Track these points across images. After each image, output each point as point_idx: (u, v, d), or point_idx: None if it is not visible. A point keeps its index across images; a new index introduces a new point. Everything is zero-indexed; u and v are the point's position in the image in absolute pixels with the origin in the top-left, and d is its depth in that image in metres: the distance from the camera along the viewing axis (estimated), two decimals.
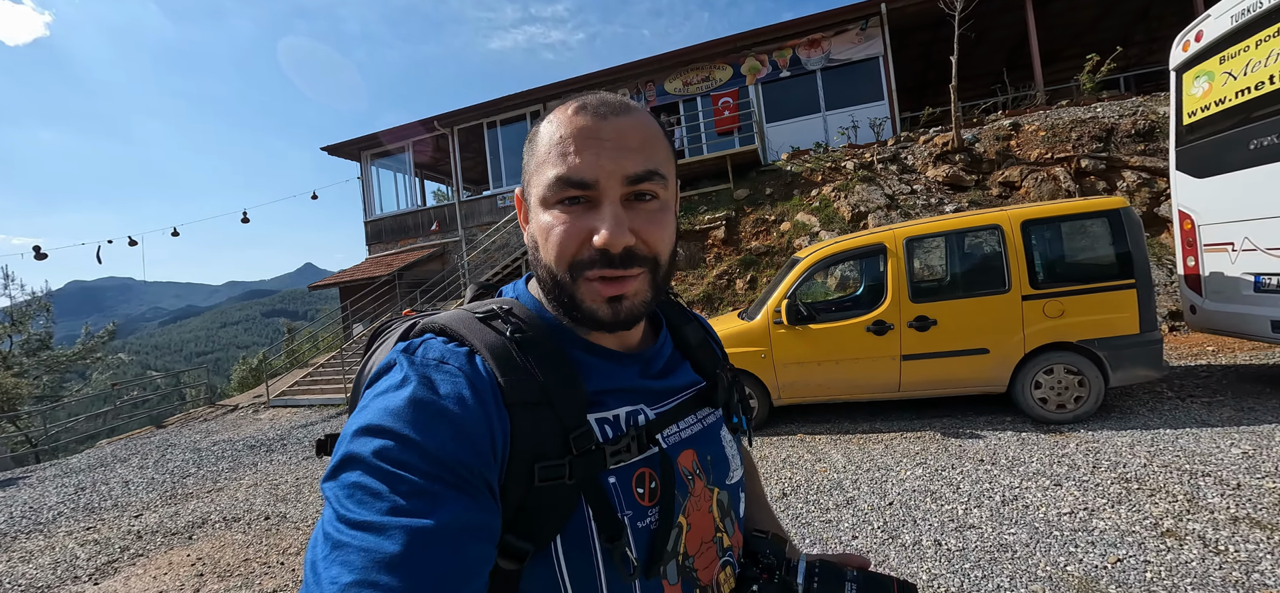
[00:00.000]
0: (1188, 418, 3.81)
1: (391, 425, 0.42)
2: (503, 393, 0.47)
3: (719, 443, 0.63)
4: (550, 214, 0.51)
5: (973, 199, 8.79)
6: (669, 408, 0.59)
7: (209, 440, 7.53)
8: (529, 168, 0.54)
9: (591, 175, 0.49)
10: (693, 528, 0.56)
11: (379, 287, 13.58)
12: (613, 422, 0.53)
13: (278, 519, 4.05)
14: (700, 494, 0.58)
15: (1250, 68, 3.89)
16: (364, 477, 0.40)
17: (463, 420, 0.44)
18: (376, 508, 0.39)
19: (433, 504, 0.40)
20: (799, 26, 12.02)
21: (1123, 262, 3.86)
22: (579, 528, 0.48)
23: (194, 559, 3.48)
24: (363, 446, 0.41)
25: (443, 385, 0.45)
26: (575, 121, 0.51)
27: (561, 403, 0.49)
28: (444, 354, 0.48)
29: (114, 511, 4.76)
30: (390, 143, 15.52)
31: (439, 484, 0.41)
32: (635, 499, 0.52)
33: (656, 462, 0.54)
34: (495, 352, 0.49)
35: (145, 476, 5.93)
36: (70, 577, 3.43)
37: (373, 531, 0.38)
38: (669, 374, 0.62)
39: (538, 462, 0.47)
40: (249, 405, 9.99)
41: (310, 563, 0.39)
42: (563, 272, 0.51)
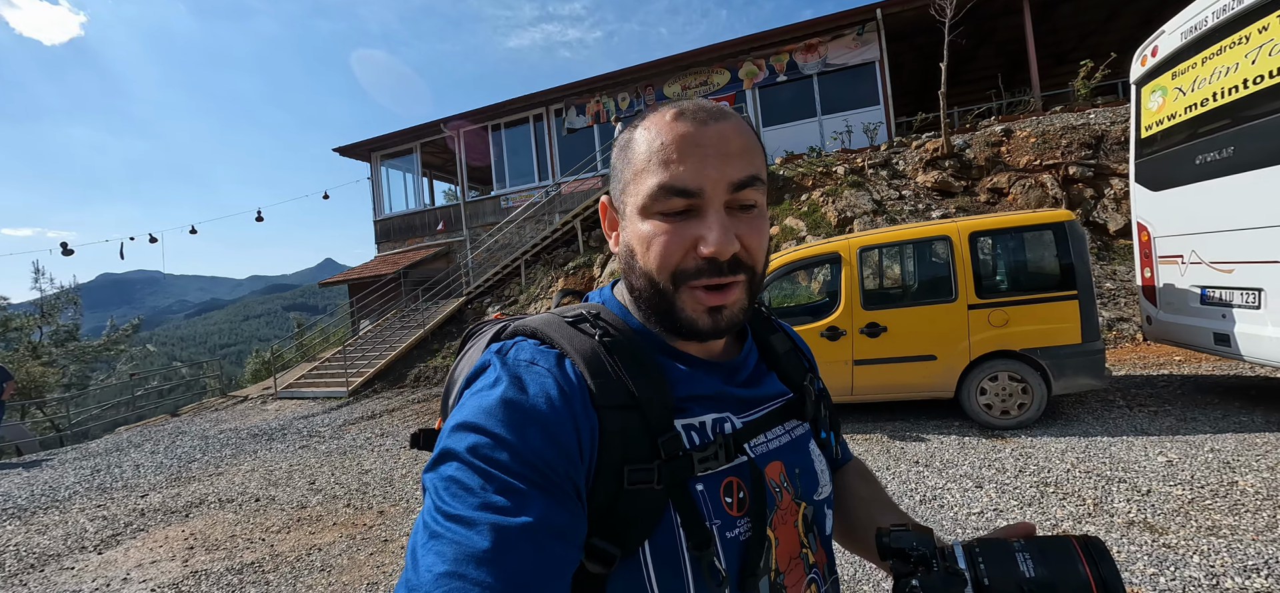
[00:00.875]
0: (1128, 426, 3.94)
1: (485, 423, 0.44)
2: (592, 396, 0.48)
3: (807, 456, 0.62)
4: (651, 223, 0.51)
5: (960, 205, 8.86)
6: (755, 417, 0.58)
7: (217, 429, 7.96)
8: (623, 176, 0.54)
9: (696, 183, 0.49)
10: (781, 543, 0.55)
11: (385, 284, 14.01)
12: (699, 429, 0.53)
13: (266, 502, 4.38)
14: (787, 508, 0.57)
15: (1197, 84, 4.00)
16: (460, 471, 0.42)
17: (551, 422, 0.45)
18: (469, 503, 0.41)
19: (521, 503, 0.41)
20: (796, 31, 12.13)
21: (1066, 274, 3.99)
22: (667, 535, 0.48)
23: (187, 535, 3.81)
24: (459, 441, 0.44)
25: (532, 386, 0.47)
26: (676, 128, 0.50)
27: (650, 407, 0.49)
28: (534, 356, 0.50)
29: (123, 490, 5.14)
30: (398, 144, 15.97)
31: (527, 484, 0.42)
32: (723, 508, 0.51)
33: (745, 471, 0.53)
34: (584, 355, 0.50)
35: (155, 460, 6.34)
36: (77, 547, 3.79)
37: (465, 524, 0.40)
38: (755, 384, 0.61)
39: (627, 465, 0.47)
40: (258, 397, 10.45)
41: (411, 549, 0.41)
42: (665, 281, 0.51)
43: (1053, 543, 0.50)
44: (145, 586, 3.10)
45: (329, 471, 5.12)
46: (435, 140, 15.62)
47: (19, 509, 4.88)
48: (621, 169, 0.54)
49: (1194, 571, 2.24)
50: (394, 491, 4.33)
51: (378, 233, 16.43)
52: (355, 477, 4.81)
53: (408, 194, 16.74)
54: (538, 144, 14.46)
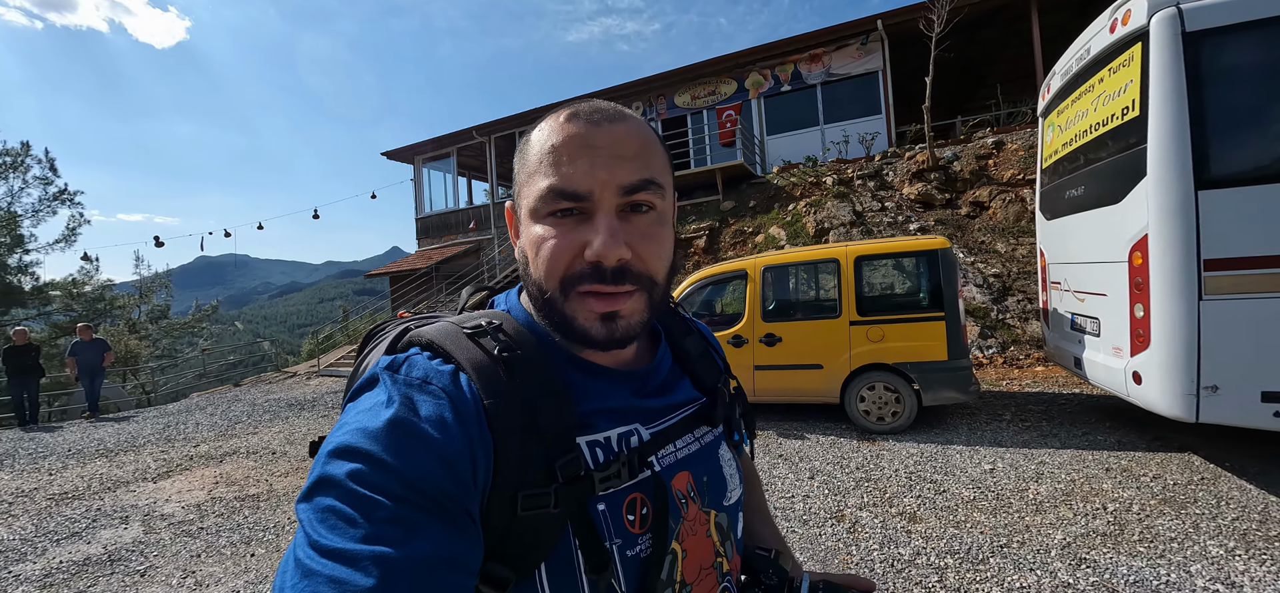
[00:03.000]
0: (988, 437, 4.39)
1: (368, 448, 0.40)
2: (487, 416, 0.45)
3: (716, 462, 0.60)
4: (541, 226, 0.49)
5: (939, 218, 9.08)
6: (665, 427, 0.56)
7: (265, 398, 9.44)
8: (519, 179, 0.52)
9: (584, 186, 0.47)
10: (690, 554, 0.54)
11: (419, 277, 15.48)
12: (604, 445, 0.51)
13: (280, 455, 5.54)
14: (695, 518, 0.55)
15: (1068, 124, 4.37)
16: (338, 502, 0.39)
17: (444, 446, 0.42)
18: (350, 535, 0.37)
19: (409, 533, 0.38)
20: (801, 42, 12.47)
21: (935, 297, 4.48)
22: (564, 557, 0.46)
23: (216, 475, 4.99)
24: (338, 468, 0.40)
25: (424, 407, 0.43)
26: (567, 129, 0.48)
27: (549, 428, 0.47)
28: (428, 373, 0.46)
29: (182, 441, 6.50)
30: (438, 149, 17.43)
31: (417, 512, 0.39)
32: (625, 526, 0.49)
33: (649, 486, 0.51)
34: (481, 371, 0.47)
35: (211, 420, 7.78)
36: (140, 478, 5.06)
37: (344, 560, 0.36)
38: (667, 391, 0.59)
39: (521, 491, 0.45)
40: (305, 374, 12.05)
41: (278, 590, 0.37)
42: (554, 287, 0.49)
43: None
44: (178, 504, 4.25)
45: None
46: (470, 145, 16.96)
47: (107, 450, 6.32)
48: (518, 171, 0.52)
49: (902, 549, 2.84)
50: None
51: (418, 229, 18.01)
52: None
53: (447, 193, 18.23)
54: None
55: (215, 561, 3.25)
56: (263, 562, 3.21)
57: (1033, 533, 2.90)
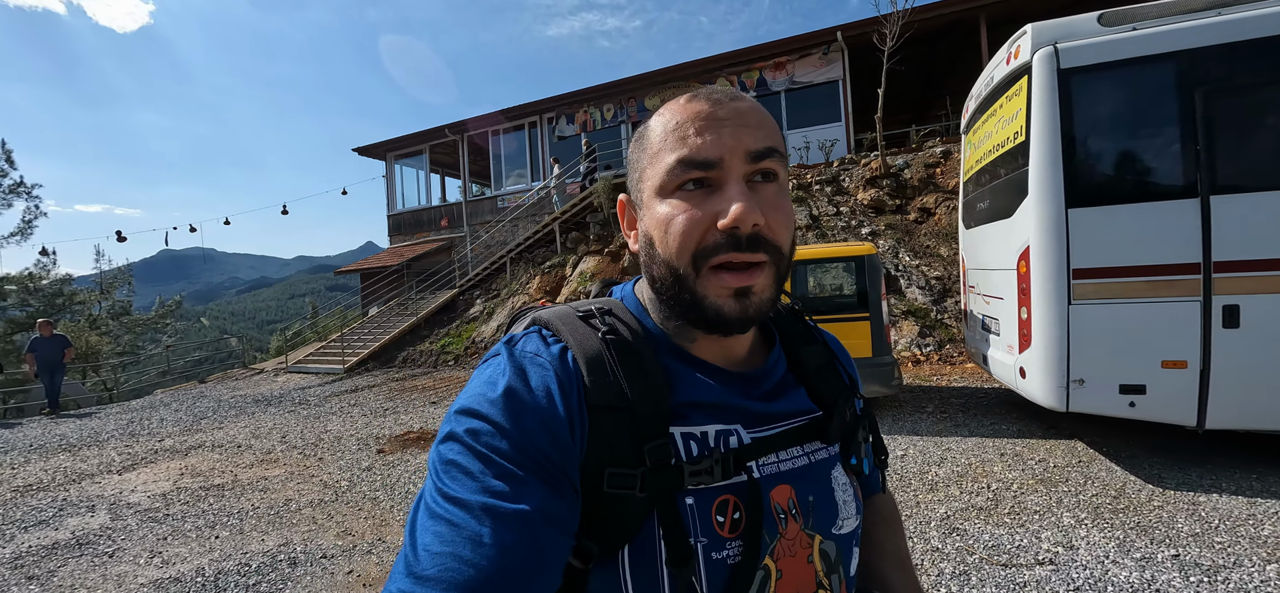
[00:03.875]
0: (904, 426, 4.83)
1: (487, 411, 0.45)
2: (586, 392, 0.48)
3: (827, 484, 0.56)
4: (669, 203, 0.49)
5: (889, 223, 9.60)
6: (769, 434, 0.54)
7: (231, 395, 9.48)
8: (638, 165, 0.53)
9: (715, 153, 0.48)
10: (785, 576, 0.51)
11: (390, 274, 15.51)
12: (699, 439, 0.50)
13: (245, 448, 5.70)
14: (795, 538, 0.52)
15: (980, 142, 4.82)
16: (461, 454, 0.44)
17: (548, 415, 0.46)
18: (469, 487, 0.42)
19: (518, 490, 0.42)
20: (766, 50, 12.91)
21: (861, 298, 4.89)
22: (647, 544, 0.47)
23: (181, 467, 5.14)
24: (462, 424, 0.45)
25: (534, 379, 0.47)
26: (692, 108, 0.50)
27: (641, 410, 0.48)
28: (539, 349, 0.50)
29: (146, 436, 6.59)
30: (411, 146, 17.43)
31: (525, 472, 0.43)
32: (714, 527, 0.48)
33: (744, 491, 0.50)
34: (586, 351, 0.50)
35: (176, 416, 7.83)
36: (105, 470, 5.18)
37: (464, 507, 0.41)
38: (777, 397, 0.57)
39: (608, 467, 0.46)
40: (272, 370, 12.05)
41: (410, 525, 0.43)
42: (686, 263, 0.49)
43: None
44: (144, 494, 4.42)
45: (299, 428, 6.44)
46: (443, 142, 17.02)
47: (70, 445, 6.37)
48: (637, 159, 0.54)
49: None
50: (338, 445, 5.58)
51: (390, 226, 17.99)
52: (317, 434, 6.11)
53: (419, 190, 18.24)
54: (531, 149, 15.67)
55: (181, 542, 3.47)
56: (226, 543, 3.43)
57: (921, 508, 3.31)
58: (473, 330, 11.80)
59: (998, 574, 2.58)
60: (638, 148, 0.54)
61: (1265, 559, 2.55)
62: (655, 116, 0.53)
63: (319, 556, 3.18)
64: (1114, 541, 2.79)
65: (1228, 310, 3.20)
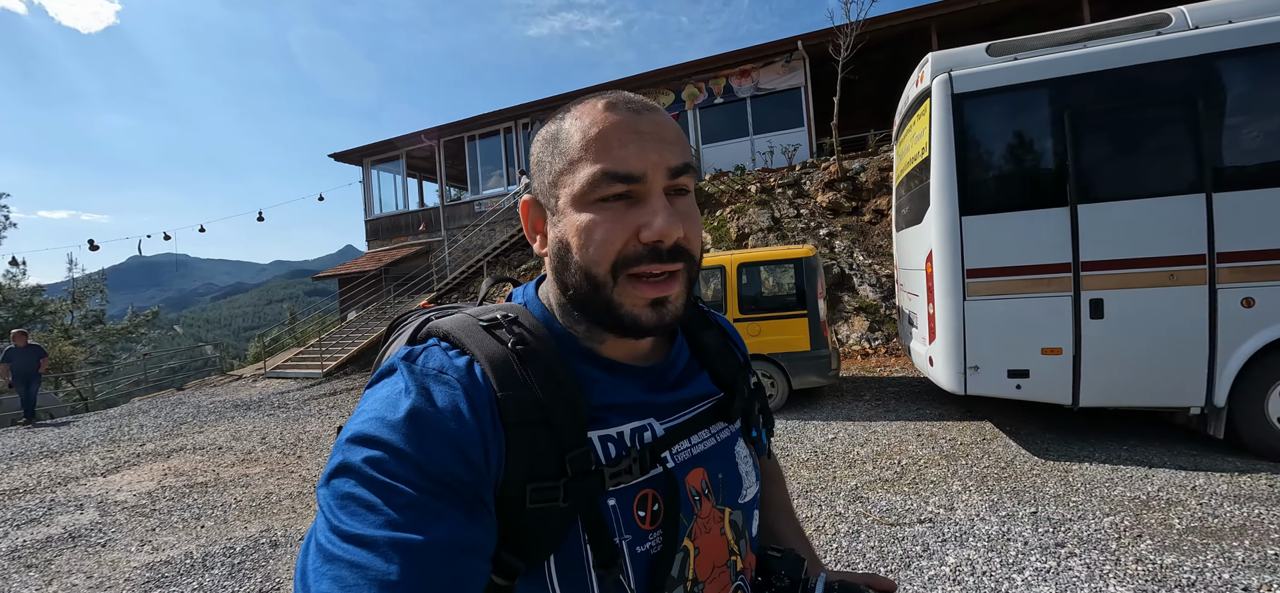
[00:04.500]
0: (839, 413, 5.31)
1: (386, 437, 0.42)
2: (500, 408, 0.46)
3: (732, 460, 0.60)
4: (588, 213, 0.49)
5: (845, 224, 10.14)
6: (680, 422, 0.56)
7: (210, 401, 9.66)
8: (552, 168, 0.51)
9: (639, 168, 0.48)
10: (702, 552, 0.54)
11: (367, 279, 15.69)
12: (616, 440, 0.51)
13: (226, 449, 5.97)
14: (709, 516, 0.55)
15: (904, 153, 5.32)
16: (358, 487, 0.40)
17: (458, 435, 0.43)
18: (370, 522, 0.39)
19: (428, 519, 0.39)
20: (733, 58, 13.40)
21: (800, 296, 5.36)
22: (573, 551, 0.47)
23: (164, 468, 5.41)
24: (356, 454, 0.41)
25: (440, 398, 0.45)
26: (610, 117, 0.49)
27: (560, 421, 0.47)
28: (443, 364, 0.48)
29: (128, 441, 6.80)
30: (387, 151, 17.59)
31: (434, 499, 0.40)
32: (636, 523, 0.50)
33: (661, 483, 0.51)
34: (495, 364, 0.48)
35: (155, 421, 8.03)
36: (89, 473, 5.42)
37: (366, 546, 0.38)
38: (683, 385, 0.59)
39: (530, 483, 0.46)
40: (251, 376, 12.19)
41: (300, 572, 0.39)
42: (605, 272, 0.49)
43: None
44: (130, 492, 4.70)
45: (279, 430, 6.72)
46: (420, 148, 17.21)
47: (51, 452, 6.57)
48: (549, 161, 0.52)
49: None
50: (317, 444, 5.89)
51: (368, 231, 18.11)
52: (295, 435, 6.40)
53: (397, 194, 18.38)
54: (507, 154, 15.97)
55: (169, 532, 3.78)
56: (212, 531, 3.76)
57: (836, 481, 3.77)
58: None
59: (883, 532, 3.04)
60: (549, 149, 0.52)
61: (1106, 513, 3.05)
62: (569, 119, 0.51)
63: (297, 538, 3.53)
64: (988, 502, 3.28)
65: (1094, 304, 3.72)
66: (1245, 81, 3.54)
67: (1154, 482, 3.36)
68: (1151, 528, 2.85)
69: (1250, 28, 3.47)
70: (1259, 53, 3.47)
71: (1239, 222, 3.48)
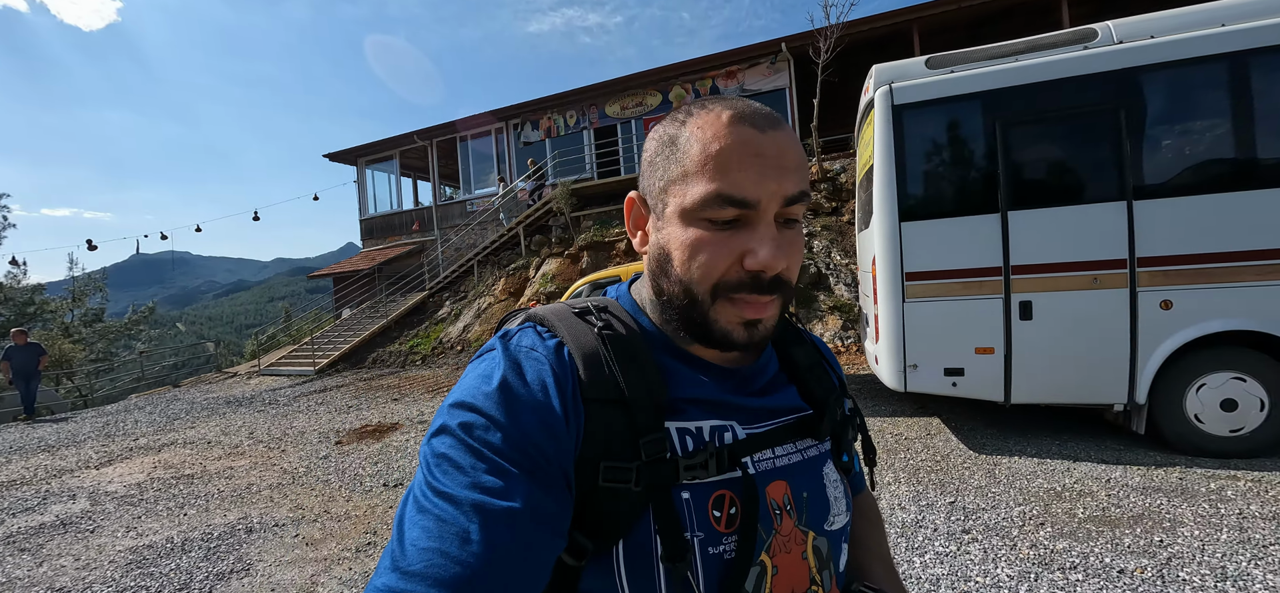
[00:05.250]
0: None
1: (481, 405, 0.45)
2: (582, 387, 0.48)
3: (819, 480, 0.57)
4: (695, 229, 0.49)
5: (825, 224, 10.34)
6: (764, 431, 0.55)
7: (204, 397, 9.92)
8: (667, 173, 0.51)
9: (754, 194, 0.47)
10: (781, 572, 0.52)
11: (361, 278, 15.94)
12: (694, 434, 0.51)
13: (215, 443, 6.22)
14: (789, 535, 0.53)
15: (862, 159, 5.53)
16: (453, 448, 0.44)
17: (544, 409, 0.46)
18: (459, 482, 0.42)
19: (510, 486, 0.42)
20: (719, 60, 13.58)
21: None
22: (643, 539, 0.47)
23: (155, 461, 5.67)
24: (455, 418, 0.45)
25: (530, 372, 0.48)
26: (735, 132, 0.48)
27: (637, 404, 0.48)
28: (534, 343, 0.51)
29: (122, 436, 7.06)
30: (381, 151, 17.82)
31: (517, 468, 0.43)
32: (710, 522, 0.49)
33: (739, 486, 0.50)
34: (582, 346, 0.50)
35: (150, 417, 8.29)
36: (83, 466, 5.68)
37: (453, 502, 0.41)
38: (770, 394, 0.58)
39: (604, 461, 0.47)
40: (245, 373, 12.46)
41: (398, 519, 0.42)
42: (705, 292, 0.49)
43: None
44: (120, 484, 4.95)
45: (267, 426, 6.97)
46: (413, 148, 17.44)
47: (48, 446, 6.83)
48: (664, 166, 0.51)
49: None
50: (301, 439, 6.13)
51: (363, 230, 18.37)
52: (282, 430, 6.65)
53: (391, 194, 18.62)
54: (498, 155, 16.19)
55: (154, 519, 4.03)
56: (193, 519, 4.00)
57: None
58: (440, 331, 12.33)
59: None
60: (666, 153, 0.52)
61: (1018, 503, 3.27)
62: (691, 126, 0.50)
63: (272, 525, 3.77)
64: (912, 492, 3.50)
65: (1023, 305, 3.93)
66: (1164, 95, 3.74)
67: (1073, 474, 3.58)
68: (1056, 517, 3.07)
69: (1170, 43, 3.67)
70: (1177, 67, 3.67)
71: (1157, 228, 3.68)
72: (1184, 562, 2.55)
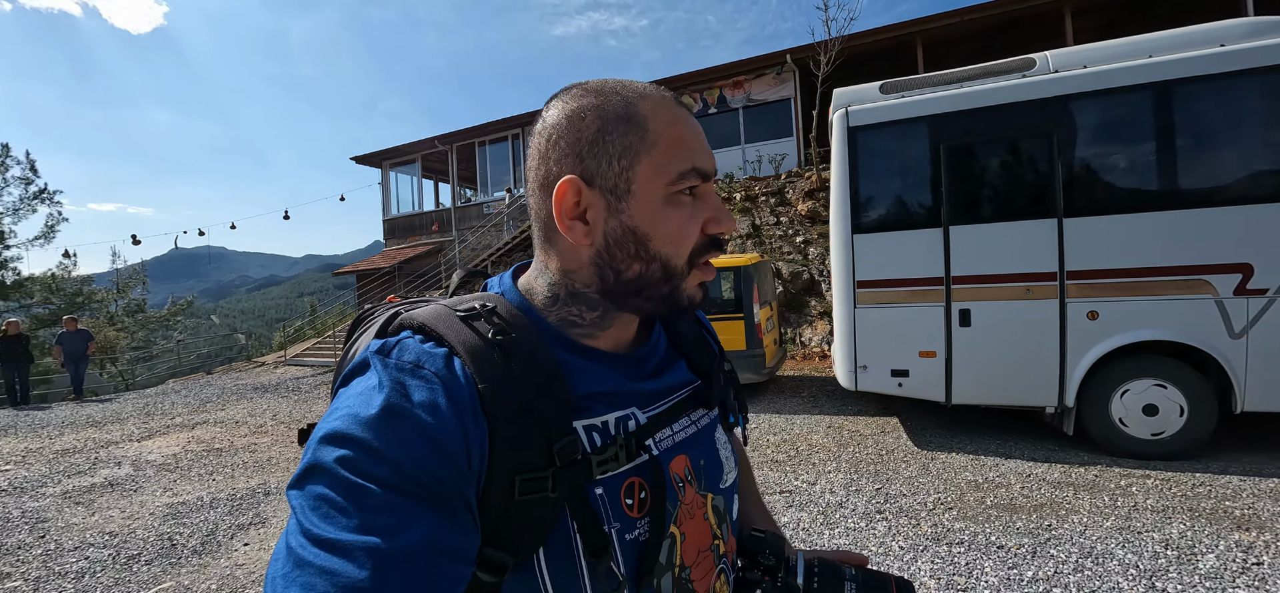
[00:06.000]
0: (771, 407, 5.91)
1: (360, 434, 0.40)
2: (482, 400, 0.45)
3: (712, 446, 0.61)
4: (673, 205, 0.50)
5: (821, 232, 10.63)
6: (661, 410, 0.57)
7: (234, 383, 10.71)
8: (628, 152, 0.49)
9: (711, 166, 0.51)
10: (688, 537, 0.55)
11: (382, 276, 16.74)
12: (601, 429, 0.51)
13: (242, 423, 6.89)
14: (692, 502, 0.56)
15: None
16: (329, 490, 0.38)
17: (438, 431, 0.42)
18: (342, 525, 0.37)
19: (403, 522, 0.38)
20: (726, 70, 13.97)
21: (737, 302, 5.98)
22: (563, 541, 0.47)
23: (189, 437, 6.34)
24: (328, 454, 0.39)
25: (417, 393, 0.43)
26: (681, 114, 0.51)
27: (545, 410, 0.47)
28: (420, 357, 0.46)
29: (160, 416, 7.80)
30: (404, 155, 18.65)
31: (410, 500, 0.39)
32: (624, 511, 0.50)
33: (647, 470, 0.52)
34: (475, 355, 0.46)
35: (186, 399, 9.06)
36: (126, 439, 6.39)
37: (337, 551, 0.36)
38: (662, 373, 0.60)
39: (518, 474, 0.45)
40: (273, 363, 13.29)
41: (270, 580, 0.37)
42: (683, 263, 0.51)
43: (874, 577, 0.59)
44: (159, 454, 5.61)
45: (289, 410, 7.63)
46: (434, 153, 18.21)
47: (96, 422, 7.61)
48: (621, 145, 0.49)
49: None
50: None
51: (385, 230, 19.22)
52: (303, 413, 7.29)
53: (413, 196, 19.44)
54: (514, 159, 16.83)
55: (187, 483, 4.64)
56: (221, 483, 4.59)
57: None
58: None
59: None
60: (619, 132, 0.49)
61: (937, 491, 3.62)
62: (645, 106, 0.50)
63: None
64: (847, 480, 3.88)
65: (962, 313, 4.27)
66: (1093, 121, 4.05)
67: (999, 470, 3.91)
68: (966, 504, 3.42)
69: (1099, 73, 3.98)
70: (1105, 96, 3.98)
71: (1085, 244, 3.99)
72: (1059, 542, 2.89)
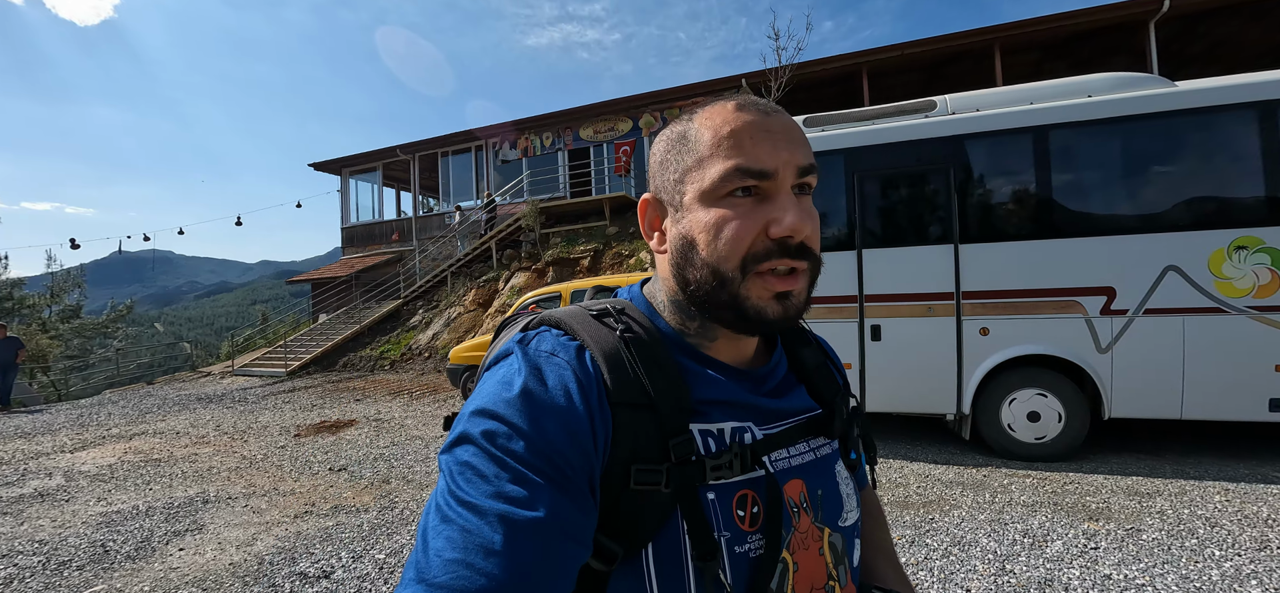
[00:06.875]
0: None
1: (503, 412, 0.45)
2: (608, 391, 0.48)
3: (832, 479, 0.59)
4: (717, 208, 0.50)
5: None
6: (779, 431, 0.56)
7: (177, 394, 10.41)
8: (677, 166, 0.53)
9: (771, 164, 0.49)
10: (801, 569, 0.53)
11: (339, 285, 16.48)
12: (716, 435, 0.52)
13: (182, 434, 6.78)
14: (807, 531, 0.55)
15: None
16: (475, 457, 0.43)
17: (568, 415, 0.45)
18: (482, 491, 0.42)
19: (534, 496, 0.42)
20: (685, 91, 14.49)
21: None
22: (672, 541, 0.48)
23: (125, 447, 6.22)
24: (476, 426, 0.45)
25: (551, 378, 0.47)
26: (743, 117, 0.51)
27: (664, 407, 0.49)
28: (555, 347, 0.50)
29: (96, 426, 7.57)
30: (364, 163, 18.46)
31: (541, 477, 0.43)
32: (735, 521, 0.50)
33: (761, 485, 0.51)
34: (604, 349, 0.50)
35: (123, 411, 8.78)
36: (58, 451, 6.22)
37: (477, 512, 0.41)
38: (781, 395, 0.59)
39: (635, 464, 0.47)
40: (219, 373, 12.92)
41: (422, 529, 0.43)
42: (734, 268, 0.50)
43: None
44: (93, 465, 5.51)
45: (233, 420, 7.53)
46: (395, 161, 18.10)
47: (24, 434, 7.33)
48: (677, 161, 0.53)
49: None
50: (264, 432, 6.71)
51: (344, 238, 18.92)
52: (247, 424, 7.22)
53: (373, 204, 19.22)
54: (477, 171, 16.91)
55: (122, 493, 4.61)
56: (158, 492, 4.59)
57: None
58: (410, 338, 12.91)
59: None
60: (677, 149, 0.54)
61: None
62: (698, 119, 0.53)
63: (226, 498, 4.38)
64: None
65: (873, 329, 4.70)
66: (985, 158, 4.56)
67: (903, 471, 4.32)
68: None
69: (989, 115, 4.49)
70: (995, 136, 4.49)
71: (978, 267, 4.48)
72: (936, 533, 3.28)
